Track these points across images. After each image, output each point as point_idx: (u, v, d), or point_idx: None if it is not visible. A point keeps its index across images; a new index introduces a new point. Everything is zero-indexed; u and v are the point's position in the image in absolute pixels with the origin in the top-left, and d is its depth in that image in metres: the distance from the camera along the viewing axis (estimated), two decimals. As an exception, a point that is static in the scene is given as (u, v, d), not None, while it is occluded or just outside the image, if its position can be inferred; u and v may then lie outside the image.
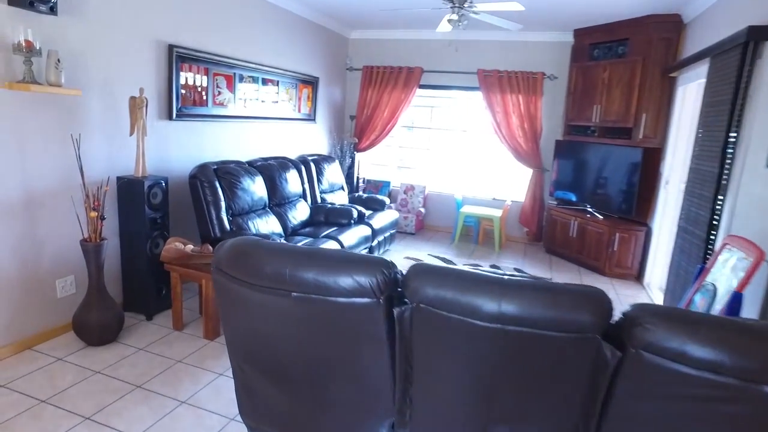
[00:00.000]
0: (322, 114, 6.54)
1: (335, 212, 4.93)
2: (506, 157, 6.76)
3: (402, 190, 7.06)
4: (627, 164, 5.28)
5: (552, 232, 6.18)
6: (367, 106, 6.96)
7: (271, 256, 1.64)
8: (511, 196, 6.82)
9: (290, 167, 4.81)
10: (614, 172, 5.48)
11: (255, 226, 4.03)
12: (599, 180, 5.69)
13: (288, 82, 5.53)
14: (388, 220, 5.54)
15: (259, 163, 4.51)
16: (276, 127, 5.42)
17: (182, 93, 3.98)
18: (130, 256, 3.48)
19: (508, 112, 6.42)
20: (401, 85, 6.74)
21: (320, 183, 5.42)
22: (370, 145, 7.05)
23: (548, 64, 6.27)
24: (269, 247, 1.69)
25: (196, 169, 3.76)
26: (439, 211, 7.10)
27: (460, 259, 5.70)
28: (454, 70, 6.64)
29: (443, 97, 7.00)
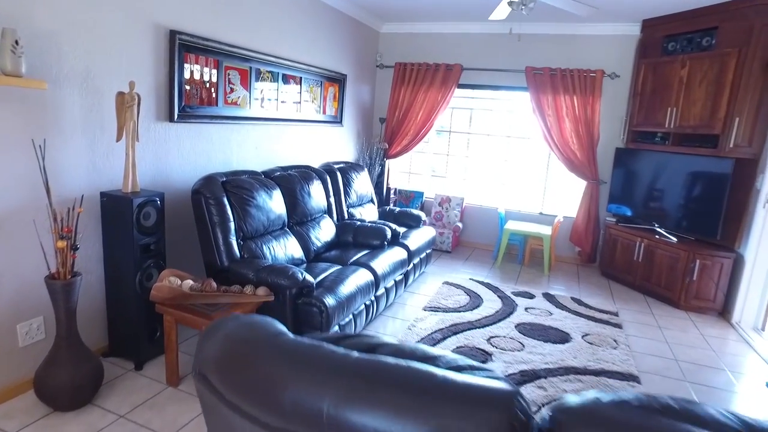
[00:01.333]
0: (349, 116, 5.84)
1: (365, 231, 4.20)
2: (556, 167, 5.96)
3: (437, 202, 6.31)
4: (711, 178, 4.43)
5: (611, 254, 5.35)
6: (399, 108, 6.23)
7: (296, 370, 0.90)
8: (561, 211, 6.00)
9: (314, 178, 4.10)
10: (693, 187, 4.64)
11: (271, 251, 3.32)
12: (672, 195, 4.85)
13: (312, 80, 4.83)
14: (424, 239, 4.79)
15: (278, 174, 3.81)
16: (297, 131, 4.72)
17: (186, 89, 3.30)
18: (117, 290, 2.80)
19: (561, 115, 5.62)
20: (438, 84, 5.99)
21: (347, 195, 4.70)
22: (401, 151, 6.31)
23: (608, 61, 5.46)
24: (293, 349, 0.95)
25: (200, 182, 3.07)
26: (477, 227, 6.32)
27: (506, 285, 4.91)
28: (498, 67, 5.87)
29: (485, 99, 6.23)
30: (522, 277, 5.30)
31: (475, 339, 3.62)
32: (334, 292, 3.02)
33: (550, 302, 4.52)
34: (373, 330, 3.68)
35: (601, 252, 5.64)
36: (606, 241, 5.44)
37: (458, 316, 4.02)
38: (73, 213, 2.33)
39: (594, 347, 3.63)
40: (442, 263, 5.58)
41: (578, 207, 5.78)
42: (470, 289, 4.69)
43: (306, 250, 3.74)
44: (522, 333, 3.79)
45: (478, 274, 5.25)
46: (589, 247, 5.74)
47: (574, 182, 5.87)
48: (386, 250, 4.10)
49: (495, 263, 5.69)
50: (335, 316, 2.93)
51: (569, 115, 5.58)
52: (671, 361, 3.52)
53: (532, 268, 5.65)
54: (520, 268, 5.64)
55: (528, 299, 4.56)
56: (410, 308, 4.16)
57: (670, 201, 4.89)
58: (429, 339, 3.54)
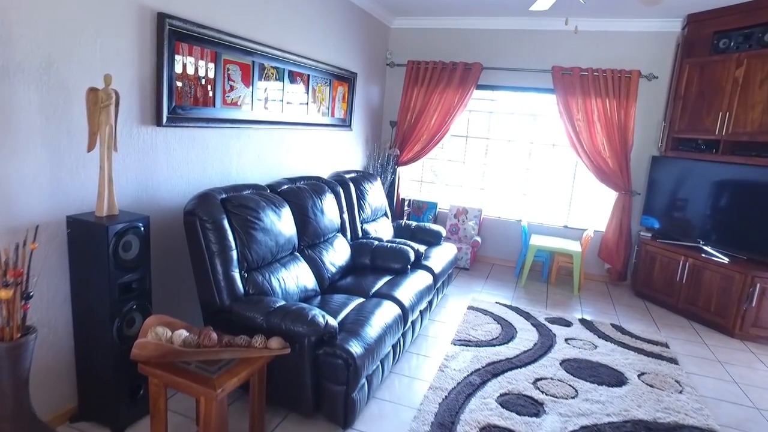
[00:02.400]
0: (359, 119, 5.27)
1: (385, 253, 3.64)
2: (583, 177, 5.45)
3: (452, 214, 5.76)
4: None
5: (647, 272, 4.85)
6: (412, 110, 5.68)
7: None
8: (589, 224, 5.49)
9: (326, 192, 3.53)
10: (748, 201, 4.14)
11: (281, 284, 2.74)
12: (722, 210, 4.36)
13: (321, 78, 4.26)
14: (447, 258, 4.24)
15: (286, 188, 3.23)
16: (304, 136, 4.15)
17: (177, 86, 2.71)
18: (89, 340, 2.21)
19: (591, 120, 5.11)
20: (455, 84, 5.45)
21: (361, 210, 4.14)
22: (414, 157, 5.76)
23: (644, 61, 4.96)
24: None
25: (194, 200, 2.49)
26: (497, 241, 5.79)
27: (537, 309, 4.38)
28: (521, 67, 5.35)
29: (506, 101, 5.70)
30: (551, 298, 4.77)
31: (520, 382, 3.06)
32: (360, 336, 2.45)
33: (590, 330, 3.99)
34: (400, 373, 3.11)
35: (634, 270, 5.13)
36: (641, 259, 4.93)
37: (494, 351, 3.47)
38: (24, 250, 1.73)
39: (656, 391, 3.09)
40: (461, 283, 5.03)
41: (608, 220, 5.27)
42: (499, 316, 4.14)
43: (320, 279, 3.16)
44: (570, 373, 3.24)
45: (503, 296, 4.71)
46: (621, 264, 5.23)
47: (603, 193, 5.37)
48: (409, 275, 3.54)
49: (519, 282, 5.16)
50: (364, 368, 2.37)
51: (601, 119, 5.07)
52: (751, 410, 3.00)
53: (560, 288, 5.12)
54: (546, 287, 5.11)
55: (565, 327, 4.02)
56: (437, 341, 3.60)
57: (719, 216, 4.39)
58: (466, 384, 2.98)
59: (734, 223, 4.26)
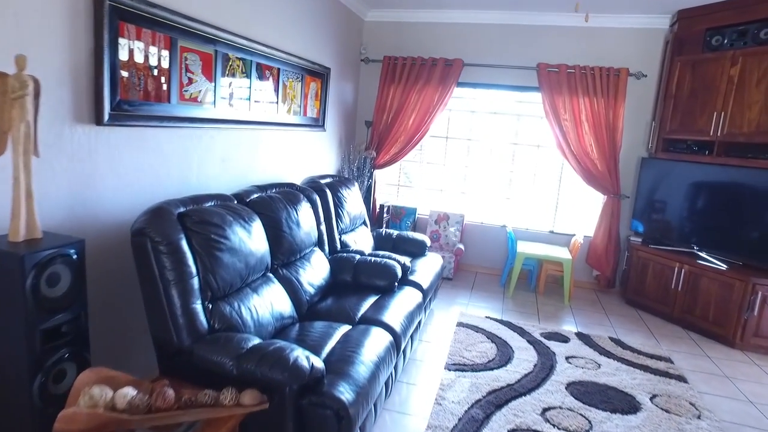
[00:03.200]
0: (333, 119, 4.84)
1: (369, 269, 3.23)
2: (570, 180, 5.20)
3: (432, 220, 5.40)
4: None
5: (638, 280, 4.63)
6: (388, 110, 5.30)
7: None
8: (577, 229, 5.25)
9: (301, 200, 3.09)
10: (746, 204, 3.96)
11: (253, 314, 2.29)
12: (717, 214, 4.17)
13: (292, 72, 3.82)
14: (433, 270, 3.87)
15: (255, 197, 2.77)
16: (275, 137, 3.69)
17: (123, 77, 2.22)
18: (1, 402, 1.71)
19: (579, 120, 4.87)
20: (435, 81, 5.10)
21: (340, 220, 3.71)
22: (390, 160, 5.37)
23: (632, 59, 4.75)
24: None
25: (145, 217, 2.01)
26: (480, 248, 5.47)
27: (530, 323, 4.07)
28: (505, 63, 5.05)
29: (489, 100, 5.39)
30: (542, 310, 4.48)
31: (528, 414, 2.72)
32: (350, 377, 2.04)
33: (589, 346, 3.71)
34: (392, 409, 2.71)
35: (624, 276, 4.92)
36: (632, 265, 4.71)
37: (492, 376, 3.11)
38: None
39: (673, 417, 2.81)
40: (446, 294, 4.68)
41: (596, 225, 5.03)
42: (492, 333, 3.80)
43: (297, 303, 2.72)
44: (579, 399, 2.92)
45: (492, 309, 4.38)
46: (610, 270, 5.01)
47: (591, 197, 5.14)
48: (397, 294, 3.15)
49: (507, 292, 4.84)
50: (357, 418, 1.95)
51: (589, 119, 4.83)
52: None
53: (549, 297, 4.84)
54: (535, 297, 4.82)
55: (563, 344, 3.72)
56: (428, 367, 3.22)
57: (713, 220, 4.20)
58: (469, 420, 2.61)
59: (729, 228, 4.08)
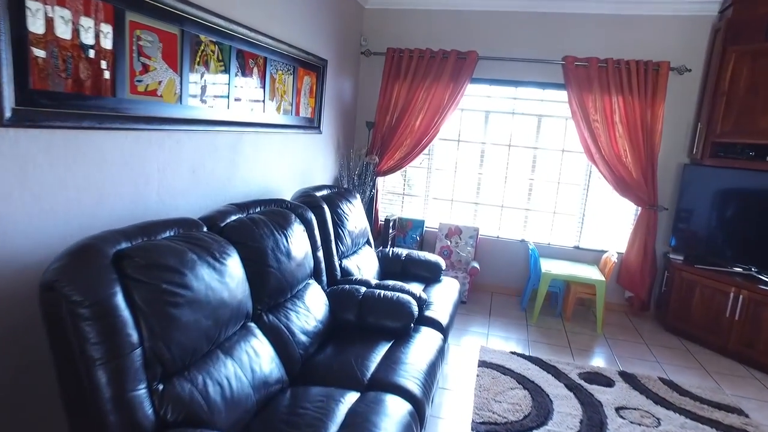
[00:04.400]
0: (330, 119, 4.20)
1: (377, 307, 2.59)
2: (599, 188, 4.59)
3: (442, 234, 4.77)
4: None
5: (682, 304, 4.02)
6: (392, 109, 4.66)
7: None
8: (607, 244, 4.64)
9: (292, 223, 2.44)
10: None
11: (224, 387, 1.64)
12: (780, 231, 3.58)
13: (282, 63, 3.17)
14: (451, 300, 3.24)
15: (232, 222, 2.12)
16: (260, 141, 3.05)
17: (37, 57, 1.57)
18: None
19: (611, 121, 4.25)
20: (446, 77, 4.47)
21: (340, 241, 3.07)
22: (395, 166, 4.73)
23: (673, 51, 4.15)
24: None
25: (60, 263, 1.34)
26: (496, 265, 4.84)
27: (562, 359, 3.45)
28: (526, 57, 4.43)
29: (507, 98, 4.76)
30: (573, 340, 3.86)
31: (586, 504, 2.09)
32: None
33: (639, 391, 3.09)
34: (411, 498, 2.07)
35: (661, 299, 4.31)
36: (673, 287, 4.10)
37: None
38: None
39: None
40: (461, 322, 4.05)
41: (629, 240, 4.43)
42: (522, 376, 3.17)
43: (287, 359, 2.08)
44: (645, 475, 2.31)
45: (516, 340, 3.75)
46: (645, 292, 4.40)
47: (622, 209, 4.54)
48: (413, 340, 2.51)
49: (530, 318, 4.22)
50: None
51: (623, 121, 4.22)
52: None
53: (578, 324, 4.22)
54: (562, 324, 4.20)
55: (607, 388, 3.10)
56: (451, 426, 2.59)
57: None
58: None
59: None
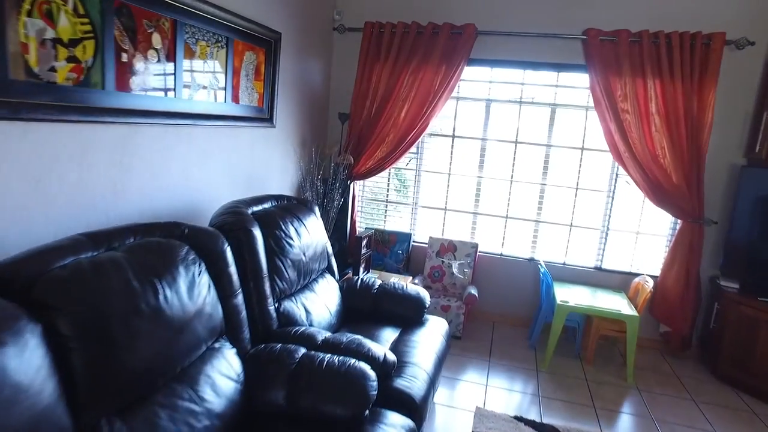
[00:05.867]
0: (288, 109, 3.32)
1: (316, 386, 1.72)
2: (627, 195, 3.71)
3: (433, 251, 3.90)
4: None
5: (740, 346, 3.14)
6: (372, 97, 3.78)
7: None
8: (635, 263, 3.76)
9: (175, 264, 1.56)
10: None
11: None
12: None
13: (206, 32, 2.31)
14: (433, 351, 2.38)
15: (58, 270, 1.25)
16: (173, 137, 2.19)
17: None
18: None
19: (646, 111, 3.36)
20: (436, 58, 3.59)
21: (279, 277, 2.20)
22: (375, 167, 3.86)
23: (729, 20, 3.25)
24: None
25: None
26: (499, 288, 3.96)
27: (587, 426, 2.58)
28: (537, 31, 3.54)
29: (512, 84, 3.86)
30: (597, 394, 2.99)
31: None
32: None
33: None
34: None
35: (708, 336, 3.43)
36: (725, 322, 3.22)
37: None
38: None
39: None
40: (452, 365, 3.19)
41: (665, 261, 3.55)
42: (532, 458, 2.31)
43: None
44: None
45: (523, 395, 2.89)
46: (687, 327, 3.51)
47: (656, 221, 3.66)
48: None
49: (541, 363, 3.35)
50: None
51: (660, 111, 3.33)
52: None
53: (602, 369, 3.35)
54: (581, 368, 3.33)
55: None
56: None
57: None
58: None
59: None
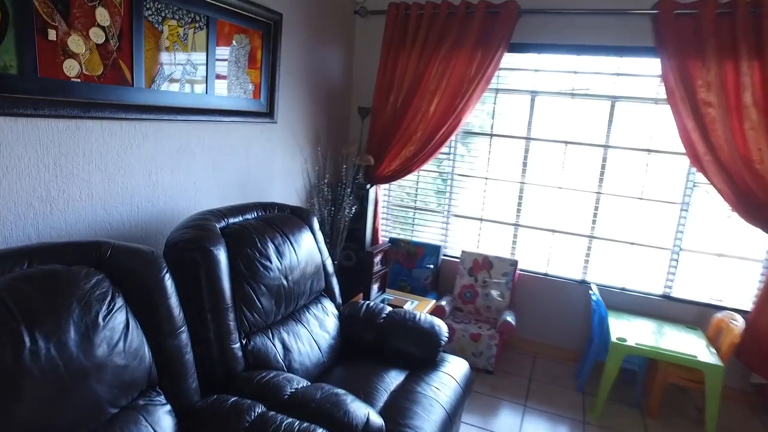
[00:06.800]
0: (292, 102, 2.89)
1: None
2: (707, 207, 3.01)
3: (465, 268, 3.36)
4: None
5: None
6: (397, 89, 3.29)
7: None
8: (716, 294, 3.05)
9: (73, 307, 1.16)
10: None
11: None
12: None
13: (177, 8, 1.92)
14: (441, 409, 1.87)
15: None
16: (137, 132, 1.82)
17: None
18: None
19: (738, 103, 2.66)
20: (470, 43, 3.05)
21: (247, 307, 1.77)
22: (399, 169, 3.37)
23: None
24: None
25: None
26: (541, 313, 3.36)
27: None
28: (592, 7, 2.91)
29: (562, 73, 3.24)
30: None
31: None
32: None
33: None
34: None
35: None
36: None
37: None
38: None
39: None
40: (479, 406, 2.66)
41: (760, 293, 2.83)
42: None
43: None
44: None
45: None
46: (785, 376, 2.78)
47: (746, 241, 2.94)
48: None
49: (591, 411, 2.74)
50: None
51: (758, 102, 2.61)
52: None
53: (670, 425, 2.69)
54: (642, 423, 2.69)
55: None
56: None
57: None
58: None
59: None
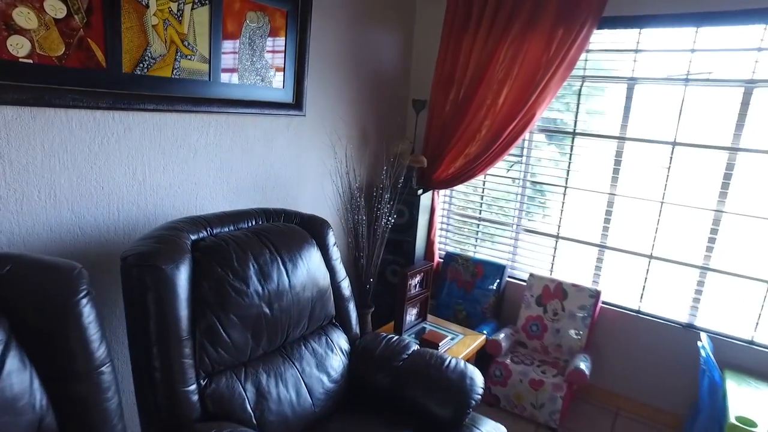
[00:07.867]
0: (324, 91, 2.52)
1: None
2: None
3: (533, 295, 2.77)
4: None
5: None
6: (459, 80, 2.80)
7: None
8: None
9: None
10: None
11: None
12: None
13: (155, -23, 1.66)
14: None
15: None
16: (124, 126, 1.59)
17: None
18: None
19: None
20: (548, 19, 2.48)
21: (212, 339, 1.40)
22: (459, 173, 2.87)
23: None
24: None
25: None
26: (629, 360, 2.66)
27: None
28: (719, -37, 2.20)
29: (673, 52, 2.53)
30: None
31: None
32: None
33: None
34: None
35: None
36: None
37: None
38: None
39: None
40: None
41: None
42: None
43: None
44: None
45: None
46: None
47: None
48: None
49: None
50: None
51: None
52: None
53: None
54: None
55: None
56: None
57: None
58: None
59: None
